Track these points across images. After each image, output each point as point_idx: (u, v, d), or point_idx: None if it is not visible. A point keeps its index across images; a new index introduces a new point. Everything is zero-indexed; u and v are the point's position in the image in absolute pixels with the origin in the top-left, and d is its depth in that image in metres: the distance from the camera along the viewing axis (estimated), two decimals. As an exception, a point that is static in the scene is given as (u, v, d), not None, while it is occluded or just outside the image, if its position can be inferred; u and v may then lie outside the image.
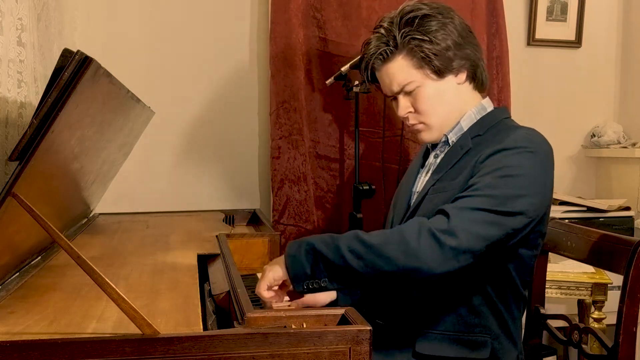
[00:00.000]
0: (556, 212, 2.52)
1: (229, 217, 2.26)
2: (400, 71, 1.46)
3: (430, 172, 1.51)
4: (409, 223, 1.29)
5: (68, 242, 0.95)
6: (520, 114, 2.80)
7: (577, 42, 2.95)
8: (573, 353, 2.63)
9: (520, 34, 2.91)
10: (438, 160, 1.50)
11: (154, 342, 0.87)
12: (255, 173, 2.71)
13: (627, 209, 2.70)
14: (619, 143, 2.89)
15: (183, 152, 2.64)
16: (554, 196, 2.63)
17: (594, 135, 2.96)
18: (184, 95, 2.62)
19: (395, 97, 1.51)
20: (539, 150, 1.35)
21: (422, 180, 1.53)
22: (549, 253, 1.70)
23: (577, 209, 2.65)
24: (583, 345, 1.48)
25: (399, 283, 1.34)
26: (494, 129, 1.44)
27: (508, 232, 1.29)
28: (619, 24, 3.01)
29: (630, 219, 2.67)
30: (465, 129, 1.47)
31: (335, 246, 1.26)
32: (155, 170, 2.61)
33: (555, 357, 2.63)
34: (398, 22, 1.45)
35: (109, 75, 1.15)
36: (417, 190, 1.53)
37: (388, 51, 1.45)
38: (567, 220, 1.98)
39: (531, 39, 2.91)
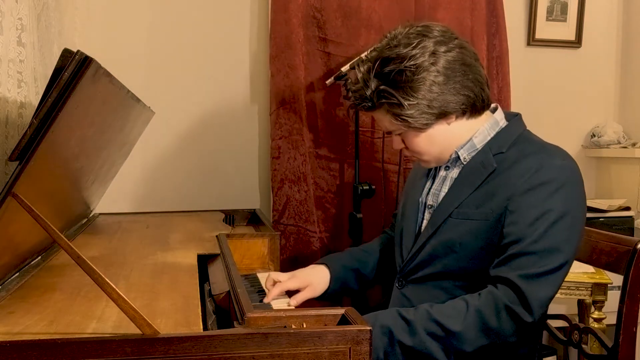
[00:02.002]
0: (556, 212, 2.52)
1: (229, 217, 2.26)
2: (382, 120, 1.43)
3: (444, 185, 1.45)
4: (484, 301, 1.28)
5: (68, 242, 0.95)
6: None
7: (577, 42, 2.95)
8: (573, 353, 2.63)
9: (520, 34, 2.91)
10: (452, 174, 1.44)
11: (154, 342, 0.87)
12: (255, 173, 2.71)
13: (627, 209, 2.70)
14: (619, 143, 2.89)
15: (183, 152, 2.64)
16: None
17: (594, 135, 2.96)
18: (184, 95, 2.62)
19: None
20: (569, 180, 1.33)
21: (433, 192, 1.47)
22: (549, 253, 1.70)
23: (577, 209, 2.64)
24: (583, 345, 1.48)
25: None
26: (516, 147, 1.39)
27: (562, 282, 1.33)
28: (619, 24, 3.01)
29: (630, 219, 2.67)
30: (477, 146, 1.41)
31: (412, 329, 1.27)
32: (155, 170, 2.61)
33: (555, 357, 2.63)
34: (375, 74, 1.36)
35: (109, 75, 1.15)
36: (429, 202, 1.48)
37: (366, 107, 1.42)
38: (567, 220, 1.98)
39: (531, 39, 2.91)
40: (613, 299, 1.73)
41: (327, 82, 2.34)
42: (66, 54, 0.98)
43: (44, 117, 0.97)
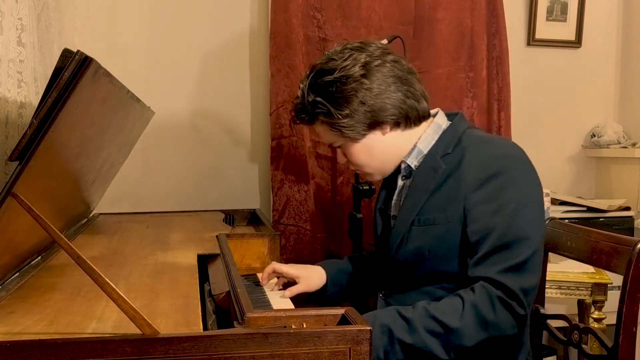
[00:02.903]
0: (556, 212, 2.52)
1: (229, 217, 2.26)
2: (322, 133, 1.47)
3: (403, 195, 1.47)
4: (478, 295, 1.29)
5: (68, 242, 0.95)
6: (520, 114, 2.81)
7: (577, 42, 2.95)
8: (573, 353, 2.63)
9: (520, 34, 2.91)
10: (408, 182, 1.47)
11: (154, 342, 0.87)
12: (255, 173, 2.71)
13: (627, 209, 2.70)
14: (619, 143, 2.89)
15: (183, 152, 2.64)
16: (554, 196, 2.63)
17: (594, 135, 2.96)
18: (184, 95, 2.62)
19: None
20: (517, 167, 1.36)
21: (395, 202, 1.50)
22: (549, 253, 1.70)
23: (577, 209, 2.65)
24: (583, 345, 1.48)
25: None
26: (461, 146, 1.41)
27: (540, 265, 1.35)
28: (619, 24, 3.01)
29: (630, 219, 2.67)
30: (424, 151, 1.44)
31: (411, 327, 1.28)
32: (155, 170, 2.61)
33: (555, 357, 2.63)
34: (308, 87, 1.42)
35: (109, 75, 1.16)
36: (392, 213, 1.51)
37: (305, 119, 1.46)
38: (567, 220, 1.98)
39: (531, 39, 2.91)
40: (613, 299, 1.73)
41: (327, 82, 2.33)
42: (66, 54, 0.98)
43: (44, 117, 0.97)
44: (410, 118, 1.43)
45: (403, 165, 1.47)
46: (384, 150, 1.45)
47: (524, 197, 1.33)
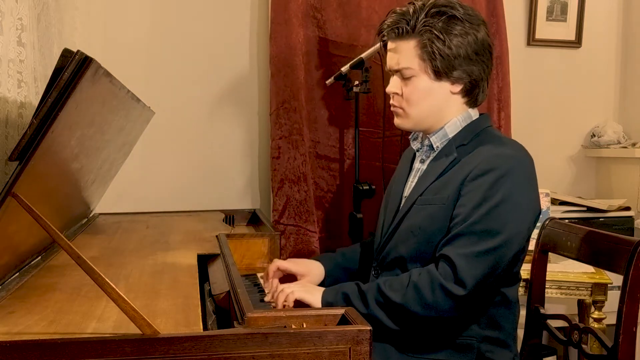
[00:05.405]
0: (556, 212, 2.52)
1: (229, 217, 2.26)
2: (405, 53, 1.48)
3: (417, 177, 1.54)
4: (422, 278, 1.36)
5: (68, 242, 0.95)
6: (520, 114, 2.81)
7: (577, 42, 2.95)
8: (573, 353, 2.63)
9: (520, 34, 2.91)
10: (424, 166, 1.53)
11: (154, 342, 0.87)
12: (255, 173, 2.71)
13: (627, 209, 2.70)
14: (619, 143, 2.89)
15: (183, 152, 2.64)
16: (554, 196, 2.63)
17: (594, 135, 2.96)
18: (184, 95, 2.62)
19: (393, 73, 1.54)
20: (516, 168, 1.39)
21: (410, 185, 1.55)
22: (549, 253, 1.70)
23: (577, 209, 2.65)
24: (583, 345, 1.48)
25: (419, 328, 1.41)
26: (476, 139, 1.47)
27: (503, 262, 1.37)
28: (619, 24, 3.01)
29: (630, 219, 2.67)
30: (449, 135, 1.50)
31: (365, 299, 1.39)
32: (155, 170, 2.61)
33: (555, 357, 2.63)
34: (427, 9, 1.45)
35: (109, 75, 1.16)
36: (406, 195, 1.55)
37: (404, 30, 1.47)
38: (567, 220, 1.98)
39: (531, 39, 2.91)
40: (613, 299, 1.73)
41: (327, 82, 2.34)
42: (66, 54, 0.98)
43: (44, 117, 0.97)
44: (476, 98, 1.50)
45: (426, 142, 1.52)
46: (440, 102, 1.48)
47: (510, 195, 1.36)
